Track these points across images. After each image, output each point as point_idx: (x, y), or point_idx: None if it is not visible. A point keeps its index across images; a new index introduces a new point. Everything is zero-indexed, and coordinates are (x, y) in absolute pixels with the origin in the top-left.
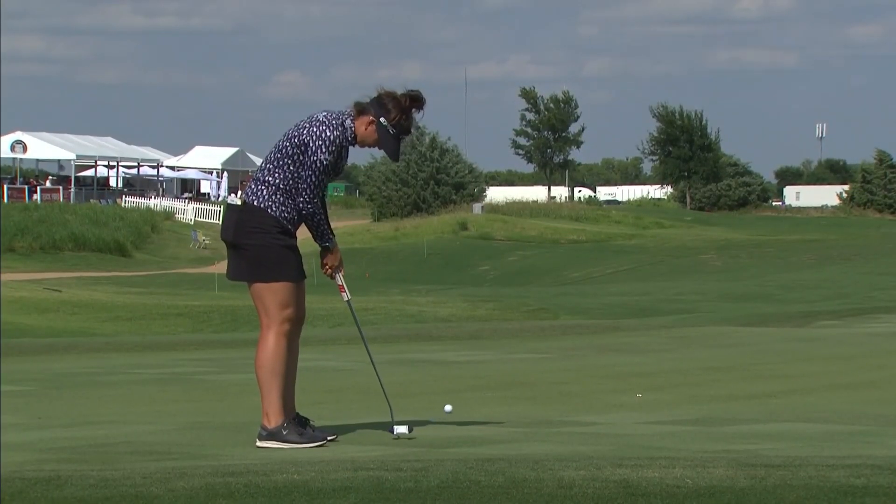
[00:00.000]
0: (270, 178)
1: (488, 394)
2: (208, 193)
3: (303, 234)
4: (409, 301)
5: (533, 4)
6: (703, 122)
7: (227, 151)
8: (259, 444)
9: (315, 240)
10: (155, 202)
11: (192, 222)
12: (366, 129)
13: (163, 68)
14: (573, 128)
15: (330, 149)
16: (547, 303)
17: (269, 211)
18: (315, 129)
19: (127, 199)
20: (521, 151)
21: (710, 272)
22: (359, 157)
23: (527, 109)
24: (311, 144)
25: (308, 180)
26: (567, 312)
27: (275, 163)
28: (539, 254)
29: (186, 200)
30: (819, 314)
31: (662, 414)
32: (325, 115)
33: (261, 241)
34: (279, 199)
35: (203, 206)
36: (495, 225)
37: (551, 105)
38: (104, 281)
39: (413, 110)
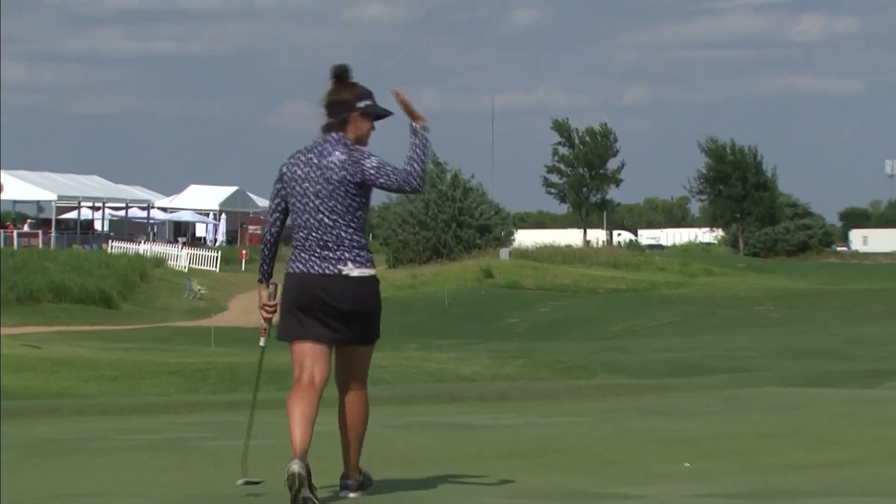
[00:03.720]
0: (362, 240)
1: (518, 462)
2: (204, 238)
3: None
4: (429, 357)
5: (564, 26)
6: (758, 157)
7: (226, 191)
8: (352, 495)
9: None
10: (145, 247)
11: (187, 270)
12: (368, 131)
13: (156, 98)
14: (612, 164)
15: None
16: (583, 359)
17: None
18: (364, 162)
19: (114, 244)
20: (553, 190)
21: (766, 325)
22: (372, 197)
23: (560, 143)
24: (366, 169)
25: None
26: (605, 370)
27: (356, 222)
28: (574, 304)
29: (180, 245)
30: (889, 373)
31: (713, 485)
32: (344, 148)
33: (381, 303)
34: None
35: (199, 252)
36: (524, 272)
37: (587, 138)
38: (88, 335)
39: (347, 78)
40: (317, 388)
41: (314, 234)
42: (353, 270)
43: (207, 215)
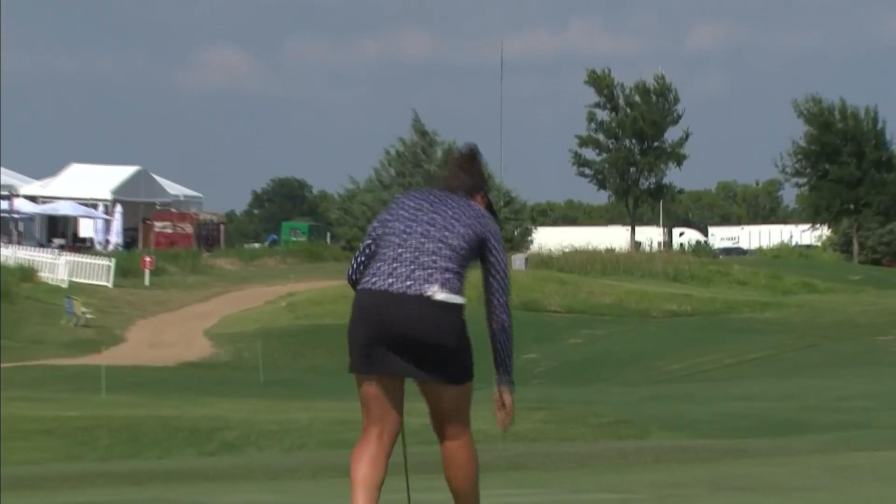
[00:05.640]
0: (460, 270)
1: None
2: (92, 239)
3: None
4: (412, 409)
5: None
6: (879, 124)
7: (122, 172)
8: None
9: (501, 367)
10: (6, 253)
11: (67, 285)
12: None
13: (21, 46)
14: (671, 134)
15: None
16: (630, 412)
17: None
18: (493, 225)
19: None
20: (588, 171)
21: (891, 363)
22: (330, 182)
23: (597, 105)
24: (493, 234)
25: (505, 285)
26: (662, 427)
27: (459, 261)
28: (617, 333)
29: (57, 250)
30: None
31: None
32: (481, 210)
33: (468, 339)
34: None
35: (84, 260)
36: (548, 288)
37: (636, 98)
38: None
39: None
40: (385, 444)
41: (409, 251)
42: (438, 293)
43: (95, 207)
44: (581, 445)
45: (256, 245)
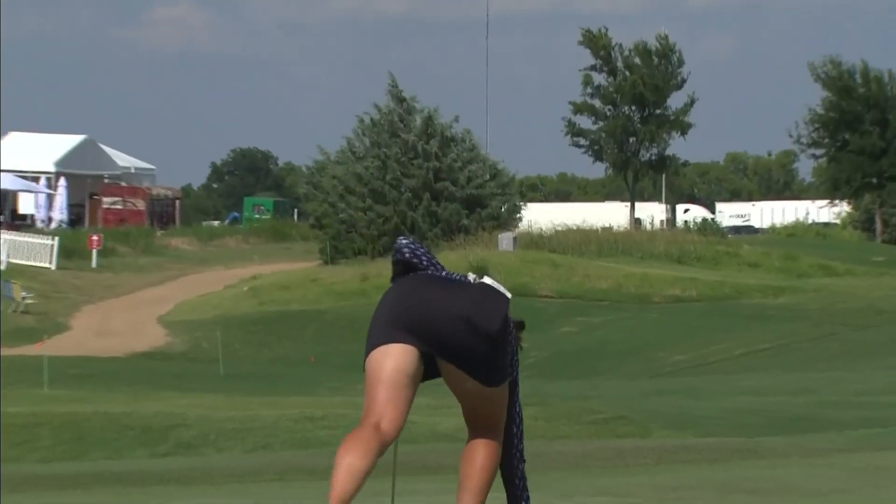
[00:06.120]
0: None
1: None
2: (33, 216)
3: None
4: None
5: None
6: None
7: (66, 142)
8: None
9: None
10: None
11: (5, 266)
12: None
13: None
14: (675, 100)
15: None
16: (629, 408)
17: None
18: (517, 359)
19: None
20: (583, 142)
21: None
22: (297, 153)
23: (593, 67)
24: (515, 364)
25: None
26: (664, 424)
27: None
28: (615, 321)
29: None
30: None
31: None
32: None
33: (509, 337)
34: None
35: (23, 239)
36: (538, 270)
37: (636, 60)
38: None
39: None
40: (383, 435)
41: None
42: (485, 279)
43: (37, 180)
44: (575, 444)
45: (216, 223)
